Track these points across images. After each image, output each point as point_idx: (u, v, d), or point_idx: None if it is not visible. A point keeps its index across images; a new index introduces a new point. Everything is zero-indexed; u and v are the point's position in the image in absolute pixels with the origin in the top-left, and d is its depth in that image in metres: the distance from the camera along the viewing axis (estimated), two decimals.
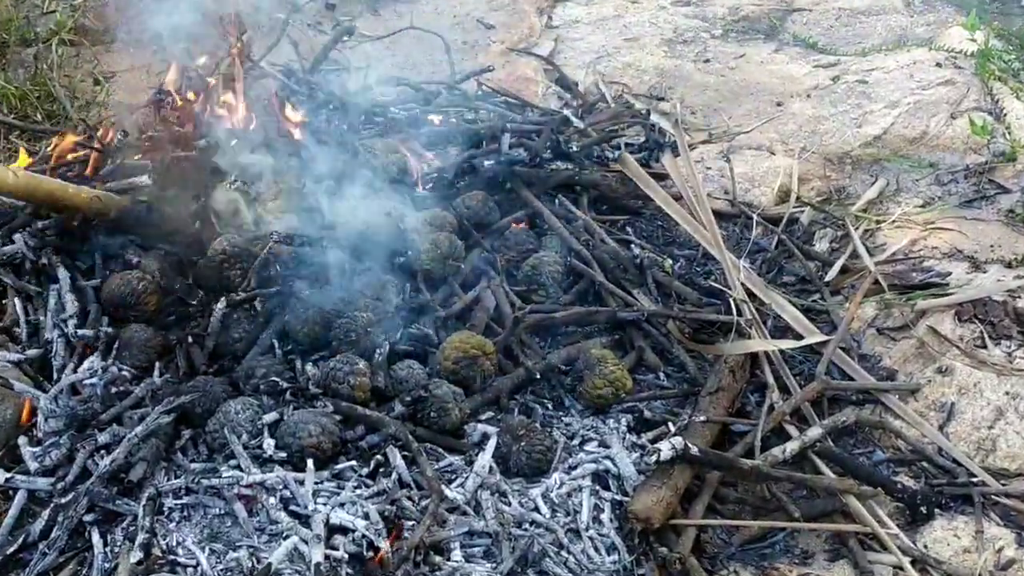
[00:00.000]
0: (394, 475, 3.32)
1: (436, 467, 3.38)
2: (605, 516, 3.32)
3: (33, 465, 3.34)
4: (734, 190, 5.10)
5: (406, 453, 3.38)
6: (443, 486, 3.25)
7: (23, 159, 4.45)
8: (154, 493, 3.20)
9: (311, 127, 4.66)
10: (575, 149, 5.07)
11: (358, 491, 3.27)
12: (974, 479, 3.56)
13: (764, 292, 4.23)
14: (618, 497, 3.38)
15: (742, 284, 4.18)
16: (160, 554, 3.05)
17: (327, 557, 3.02)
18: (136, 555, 3.01)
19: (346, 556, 3.05)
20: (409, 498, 3.26)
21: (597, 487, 3.41)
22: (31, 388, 3.58)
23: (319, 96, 5.22)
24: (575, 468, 3.46)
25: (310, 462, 3.29)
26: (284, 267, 3.98)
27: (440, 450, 3.50)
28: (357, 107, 5.10)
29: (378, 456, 3.39)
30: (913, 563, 3.26)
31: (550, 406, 3.79)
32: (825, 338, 4.06)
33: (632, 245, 4.54)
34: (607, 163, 5.10)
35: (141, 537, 3.05)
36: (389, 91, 5.59)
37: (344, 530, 3.13)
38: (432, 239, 4.15)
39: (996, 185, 5.07)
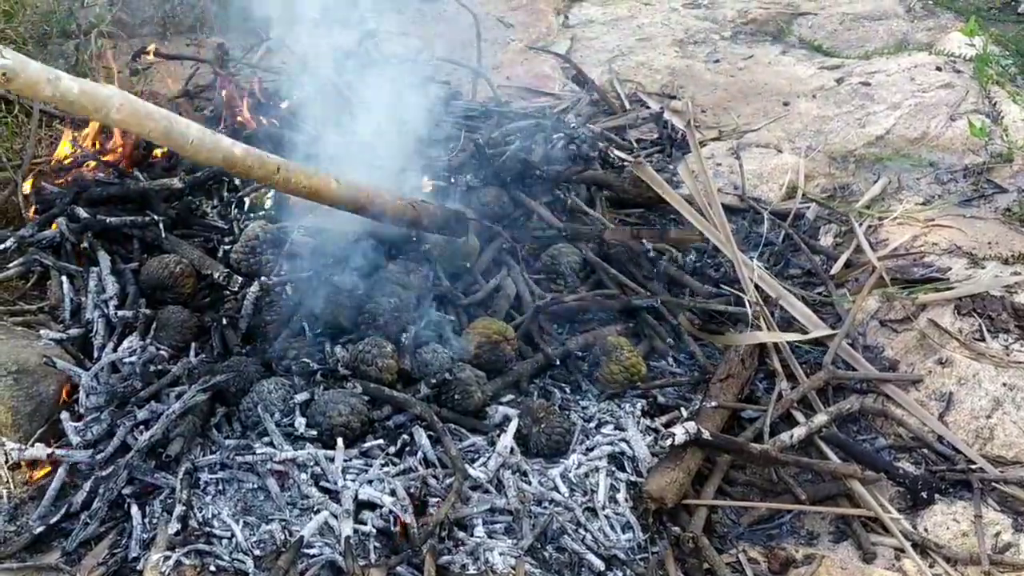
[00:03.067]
0: (419, 454, 3.41)
1: (459, 447, 3.46)
2: (621, 496, 3.40)
3: (75, 439, 3.43)
4: (743, 186, 5.20)
5: (431, 433, 3.47)
6: (466, 465, 3.34)
7: (64, 146, 4.54)
8: (191, 467, 3.28)
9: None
10: (590, 151, 5.19)
11: (385, 468, 3.35)
12: (973, 466, 3.65)
13: (776, 289, 4.32)
14: (633, 478, 3.47)
15: (752, 280, 4.27)
16: (196, 526, 3.14)
17: (356, 531, 3.12)
18: (173, 526, 3.11)
19: (374, 530, 3.15)
20: (434, 476, 3.34)
21: (613, 468, 3.49)
22: (73, 366, 3.66)
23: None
24: (592, 449, 3.55)
25: (340, 440, 3.37)
26: (314, 254, 4.06)
27: (463, 431, 3.58)
28: None
29: (404, 436, 3.48)
30: (914, 546, 3.35)
31: (568, 390, 3.88)
32: (832, 332, 4.16)
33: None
34: (616, 165, 5.21)
35: (178, 509, 3.14)
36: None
37: (372, 506, 3.22)
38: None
39: (994, 185, 5.17)
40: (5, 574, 3.05)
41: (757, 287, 4.25)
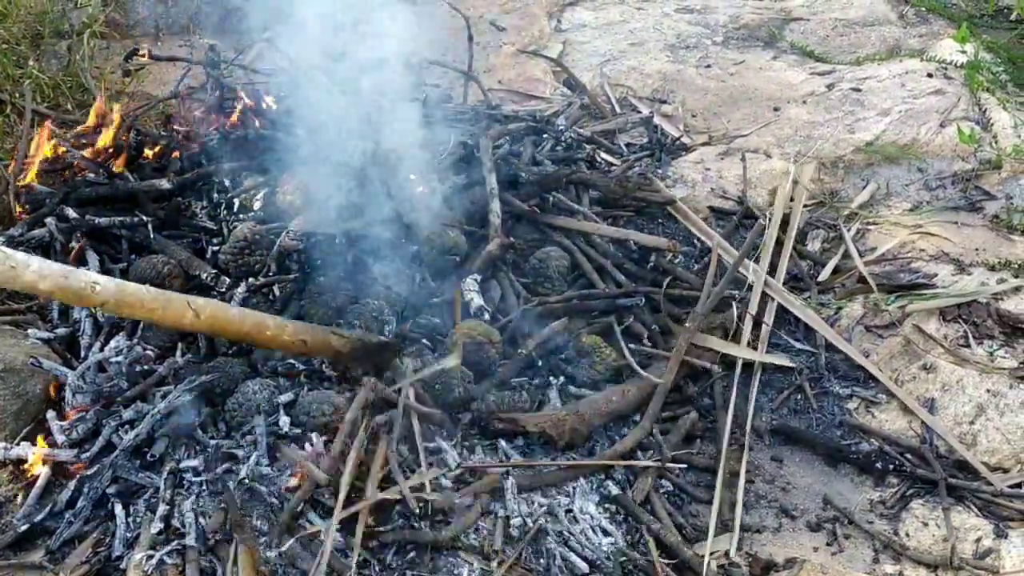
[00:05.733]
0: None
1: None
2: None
3: (60, 438, 3.44)
4: (745, 189, 5.21)
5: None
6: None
7: (47, 150, 4.55)
8: (175, 467, 3.30)
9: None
10: (577, 152, 5.23)
11: None
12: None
13: (781, 295, 4.39)
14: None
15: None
16: (180, 525, 3.15)
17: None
18: (157, 526, 3.13)
19: None
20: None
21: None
22: (59, 366, 3.67)
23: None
24: None
25: (314, 435, 3.36)
26: (302, 256, 4.10)
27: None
28: None
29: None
30: (893, 549, 3.41)
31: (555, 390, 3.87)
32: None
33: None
34: (601, 167, 5.25)
35: (161, 509, 3.17)
36: None
37: None
38: (429, 235, 4.25)
39: (982, 191, 5.19)
40: None
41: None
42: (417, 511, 3.18)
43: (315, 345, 3.51)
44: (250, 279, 3.99)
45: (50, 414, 3.54)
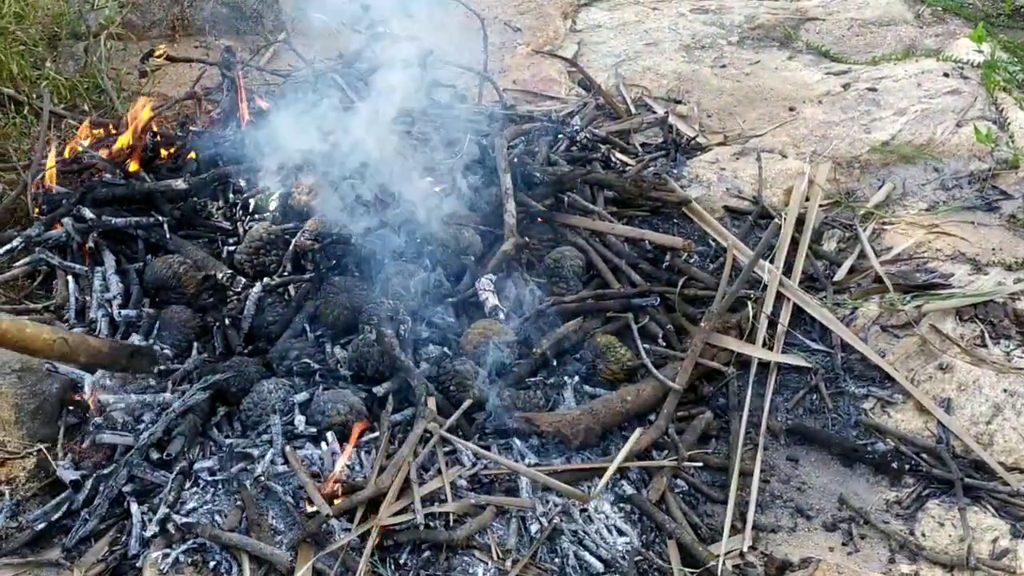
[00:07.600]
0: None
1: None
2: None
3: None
4: (761, 189, 5.19)
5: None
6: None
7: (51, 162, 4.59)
8: (185, 467, 3.34)
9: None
10: (592, 152, 5.23)
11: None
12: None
13: (797, 295, 4.37)
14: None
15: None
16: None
17: None
18: (152, 529, 3.16)
19: None
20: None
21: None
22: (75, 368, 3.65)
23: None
24: None
25: (330, 434, 3.41)
26: (317, 256, 4.10)
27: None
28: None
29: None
30: (909, 549, 3.40)
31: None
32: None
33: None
34: (616, 167, 5.25)
35: (161, 511, 3.19)
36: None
37: None
38: (444, 236, 4.25)
39: (999, 191, 5.16)
40: (7, 570, 3.08)
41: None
42: (421, 526, 3.18)
43: (76, 345, 3.42)
44: (265, 279, 4.01)
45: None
